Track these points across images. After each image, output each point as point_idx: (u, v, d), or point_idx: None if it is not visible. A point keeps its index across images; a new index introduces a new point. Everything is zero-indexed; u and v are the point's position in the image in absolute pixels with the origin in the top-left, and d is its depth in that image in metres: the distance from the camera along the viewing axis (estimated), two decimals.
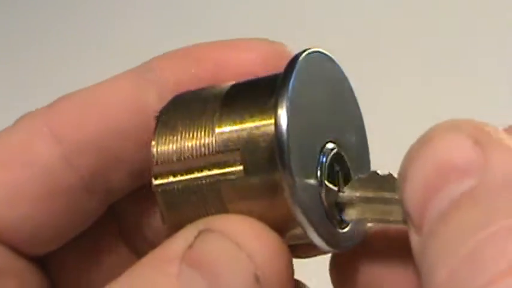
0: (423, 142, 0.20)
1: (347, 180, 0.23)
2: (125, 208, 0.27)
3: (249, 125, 0.22)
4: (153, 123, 0.24)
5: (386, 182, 0.22)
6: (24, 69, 0.83)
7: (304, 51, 0.22)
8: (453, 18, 0.70)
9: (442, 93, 0.65)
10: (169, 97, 0.25)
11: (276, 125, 0.21)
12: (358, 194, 0.22)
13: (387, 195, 0.22)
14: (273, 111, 0.21)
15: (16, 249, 0.25)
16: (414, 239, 0.20)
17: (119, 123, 0.25)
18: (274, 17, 0.77)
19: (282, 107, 0.21)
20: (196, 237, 0.21)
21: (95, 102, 0.26)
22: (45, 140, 0.25)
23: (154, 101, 0.25)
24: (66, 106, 0.26)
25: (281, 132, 0.21)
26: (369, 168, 0.25)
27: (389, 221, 0.22)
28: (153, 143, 0.23)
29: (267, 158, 0.21)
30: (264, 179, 0.21)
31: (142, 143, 0.25)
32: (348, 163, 0.23)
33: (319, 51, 0.23)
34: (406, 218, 0.20)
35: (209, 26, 0.77)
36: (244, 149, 0.22)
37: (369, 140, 0.25)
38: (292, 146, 0.21)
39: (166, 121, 0.23)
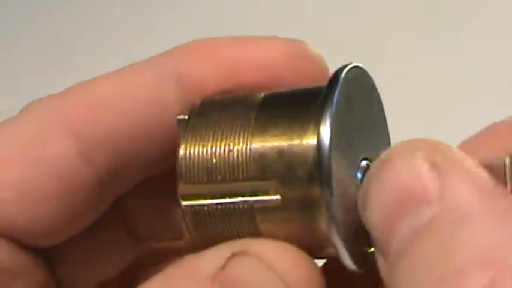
0: (381, 165, 0.20)
1: None
2: (130, 200, 0.27)
3: (287, 150, 0.21)
4: (170, 118, 0.24)
5: None
6: (19, 65, 0.83)
7: (346, 66, 0.22)
8: (453, 18, 0.70)
9: (441, 93, 0.65)
10: (189, 92, 0.24)
11: (319, 144, 0.21)
12: None
13: None
14: (315, 131, 0.21)
15: (23, 244, 0.25)
16: (382, 264, 0.20)
17: (137, 118, 0.24)
18: (274, 13, 0.77)
19: (325, 124, 0.21)
20: (229, 259, 0.21)
21: (112, 95, 0.25)
22: (60, 134, 0.24)
23: (174, 95, 0.24)
24: (81, 97, 0.25)
25: (323, 151, 0.20)
26: None
27: None
28: (181, 153, 0.22)
29: (306, 180, 0.21)
30: (301, 204, 0.21)
31: (157, 138, 0.25)
32: None
33: (358, 67, 0.23)
34: (373, 243, 0.20)
35: (209, 23, 0.77)
36: (283, 177, 0.21)
37: None
38: (333, 164, 0.21)
39: (194, 130, 0.23)
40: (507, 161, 0.20)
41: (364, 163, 0.22)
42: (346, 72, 0.22)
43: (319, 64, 0.25)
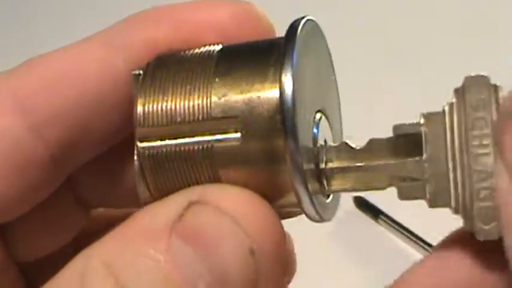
0: None
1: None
2: (79, 171, 0.27)
3: (249, 93, 0.21)
4: (122, 89, 0.24)
5: (360, 152, 0.22)
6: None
7: (302, 18, 0.22)
8: (453, 19, 0.69)
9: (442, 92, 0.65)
10: (137, 62, 0.24)
11: (282, 92, 0.20)
12: (339, 164, 0.23)
13: (368, 163, 0.22)
14: (277, 78, 0.21)
15: None
16: None
17: (89, 92, 0.24)
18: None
19: (286, 74, 0.21)
20: (186, 209, 0.21)
21: (63, 69, 0.24)
22: (10, 109, 0.24)
23: (124, 65, 0.24)
24: (32, 72, 0.24)
25: (287, 100, 0.20)
26: (341, 137, 0.25)
27: (373, 188, 0.23)
28: (139, 101, 0.22)
29: (269, 127, 0.21)
30: (262, 147, 0.21)
31: (110, 110, 0.24)
32: (330, 134, 0.23)
33: (313, 20, 0.23)
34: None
35: None
36: (244, 117, 0.21)
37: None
38: (297, 113, 0.21)
39: (153, 79, 0.22)
40: (422, 129, 0.21)
41: (318, 115, 0.23)
42: (303, 24, 0.22)
43: (265, 22, 0.25)
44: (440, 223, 0.23)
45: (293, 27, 0.22)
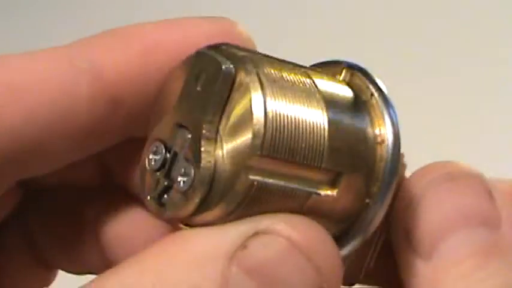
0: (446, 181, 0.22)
1: None
2: (40, 231, 0.26)
3: (355, 154, 0.21)
4: (80, 113, 0.22)
5: None
6: None
7: (372, 77, 0.23)
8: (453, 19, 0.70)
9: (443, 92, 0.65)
10: (102, 88, 0.22)
11: (389, 160, 0.21)
12: None
13: None
14: (386, 152, 0.21)
15: None
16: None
17: (44, 109, 0.22)
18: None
19: (393, 154, 0.21)
20: (252, 238, 0.19)
21: (20, 80, 0.22)
22: None
23: (87, 89, 0.22)
24: None
25: (395, 166, 0.21)
26: None
27: None
28: (262, 115, 0.20)
29: (363, 191, 0.21)
30: (350, 207, 0.21)
31: (63, 132, 0.22)
32: None
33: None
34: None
35: None
36: (347, 175, 0.21)
37: None
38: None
39: (271, 104, 0.20)
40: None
41: None
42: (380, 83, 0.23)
43: (247, 42, 0.23)
44: None
45: (377, 85, 0.22)
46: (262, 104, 0.19)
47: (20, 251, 0.26)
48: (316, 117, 0.20)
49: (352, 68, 0.23)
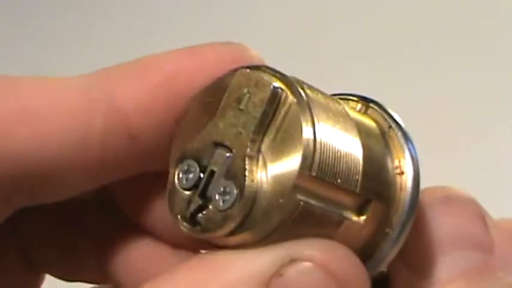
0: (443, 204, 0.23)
1: None
2: (32, 234, 0.25)
3: (382, 177, 0.22)
4: (92, 146, 0.22)
5: None
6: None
7: (389, 112, 0.23)
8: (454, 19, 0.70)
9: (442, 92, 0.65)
10: (118, 122, 0.22)
11: (410, 192, 0.22)
12: None
13: None
14: (406, 185, 0.22)
15: None
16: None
17: (55, 138, 0.22)
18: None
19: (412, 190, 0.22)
20: (288, 265, 0.19)
21: (32, 108, 0.22)
22: None
23: (101, 124, 0.22)
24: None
25: (416, 199, 0.22)
26: None
27: None
28: (311, 141, 0.20)
29: (387, 220, 0.22)
30: (373, 234, 0.21)
31: (73, 163, 0.22)
32: None
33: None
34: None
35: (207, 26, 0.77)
36: (375, 202, 0.21)
37: None
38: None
39: (317, 116, 0.20)
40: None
41: None
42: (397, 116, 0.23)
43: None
44: None
45: (393, 118, 0.23)
46: (311, 124, 0.20)
47: (11, 254, 0.25)
48: (352, 141, 0.21)
49: (367, 101, 0.23)
